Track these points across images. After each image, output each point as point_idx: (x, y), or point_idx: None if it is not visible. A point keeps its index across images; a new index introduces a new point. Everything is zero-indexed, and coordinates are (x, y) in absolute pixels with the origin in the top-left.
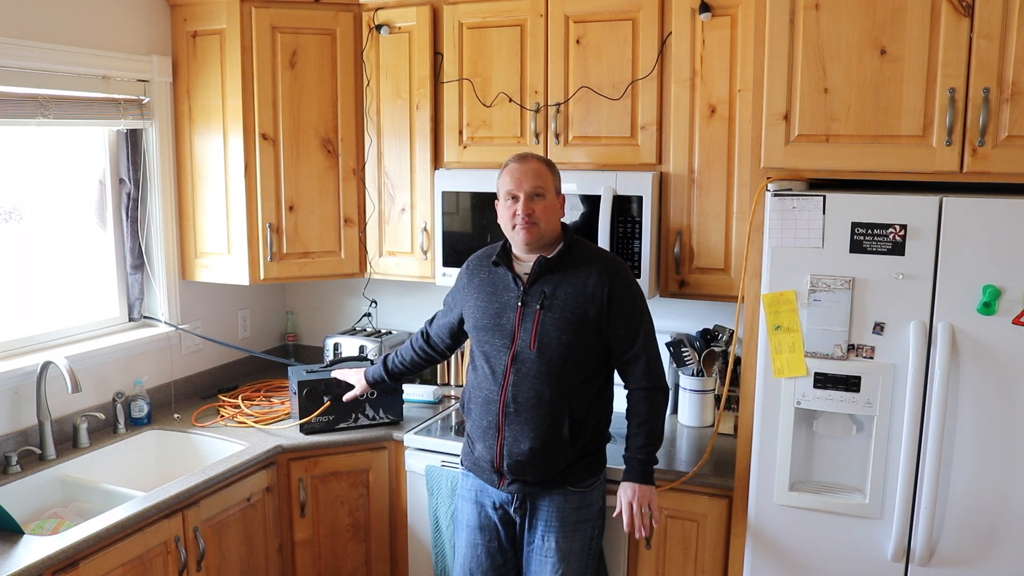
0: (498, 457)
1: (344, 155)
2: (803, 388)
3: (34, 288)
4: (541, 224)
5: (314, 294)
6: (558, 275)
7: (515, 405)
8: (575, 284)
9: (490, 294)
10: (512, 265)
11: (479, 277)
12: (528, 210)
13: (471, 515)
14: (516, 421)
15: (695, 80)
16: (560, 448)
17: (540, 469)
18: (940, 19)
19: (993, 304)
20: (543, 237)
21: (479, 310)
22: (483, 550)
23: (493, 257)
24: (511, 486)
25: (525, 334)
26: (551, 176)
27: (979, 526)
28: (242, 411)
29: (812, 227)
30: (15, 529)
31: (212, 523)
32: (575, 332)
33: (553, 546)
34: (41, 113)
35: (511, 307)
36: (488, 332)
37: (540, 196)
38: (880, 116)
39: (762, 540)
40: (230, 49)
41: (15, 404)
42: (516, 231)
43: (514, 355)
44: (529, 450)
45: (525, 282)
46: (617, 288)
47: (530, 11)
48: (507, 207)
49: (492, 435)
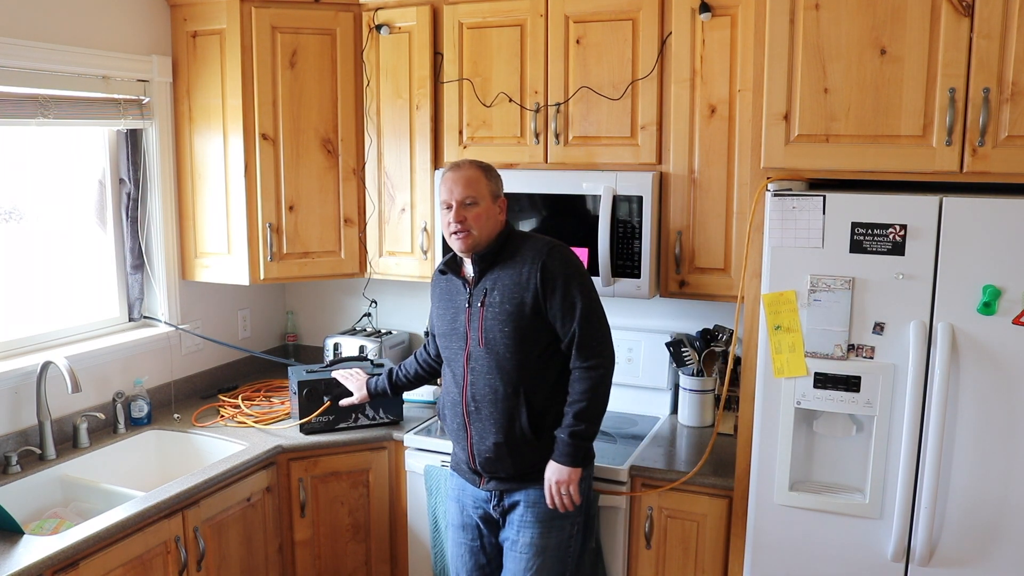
0: (471, 457)
1: (344, 155)
2: (803, 388)
3: (34, 288)
4: (475, 231)
5: (314, 294)
6: (497, 270)
7: (475, 403)
8: (511, 275)
9: (447, 301)
10: (460, 270)
11: (439, 287)
12: (459, 218)
13: (455, 514)
14: (478, 419)
15: (695, 80)
16: (523, 441)
17: (508, 464)
18: (940, 19)
19: (993, 304)
20: (479, 244)
21: (439, 318)
22: (466, 549)
23: (441, 266)
24: (489, 484)
25: (474, 332)
26: (486, 181)
27: (979, 526)
28: (242, 411)
29: (812, 227)
30: (15, 529)
31: (212, 523)
32: (515, 322)
33: (528, 541)
34: (41, 113)
35: (461, 310)
36: (447, 338)
37: (472, 204)
38: (880, 116)
39: (762, 540)
40: (230, 49)
41: (15, 404)
42: (452, 239)
43: (467, 355)
44: (493, 445)
45: (471, 283)
46: (548, 269)
47: (530, 11)
48: (443, 215)
49: (462, 436)
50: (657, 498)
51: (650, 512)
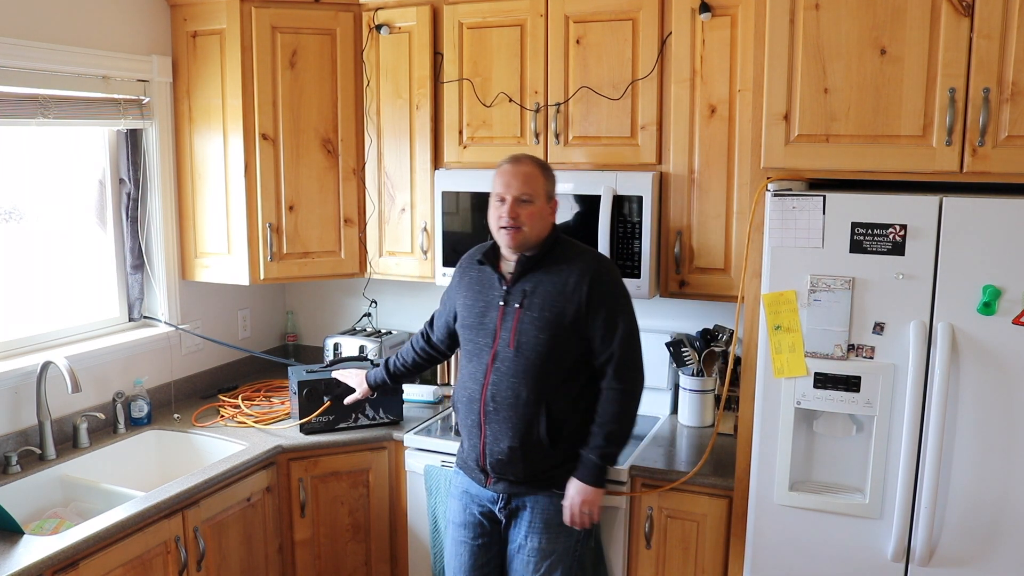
0: (482, 456)
1: (344, 155)
2: (803, 388)
3: (34, 288)
4: (526, 229)
5: (314, 294)
6: (540, 274)
7: (494, 404)
8: (555, 283)
9: (476, 293)
10: (498, 264)
11: (469, 275)
12: (513, 214)
13: (457, 512)
14: (495, 420)
15: (695, 80)
16: (539, 448)
17: (521, 468)
18: (940, 19)
19: (993, 304)
20: (527, 241)
21: (466, 308)
22: (466, 548)
23: (478, 256)
24: (497, 485)
25: (505, 333)
26: (543, 180)
27: (979, 526)
28: (242, 411)
29: (812, 227)
30: (15, 529)
31: (212, 523)
32: (552, 331)
33: (536, 546)
34: (41, 113)
35: (494, 306)
36: (472, 331)
37: (528, 201)
38: (880, 116)
39: (762, 540)
40: (230, 49)
41: (15, 404)
42: (500, 233)
43: (494, 354)
44: (508, 449)
45: (508, 281)
46: (596, 287)
47: (530, 11)
48: (495, 208)
49: (476, 433)
50: (657, 498)
51: (650, 512)
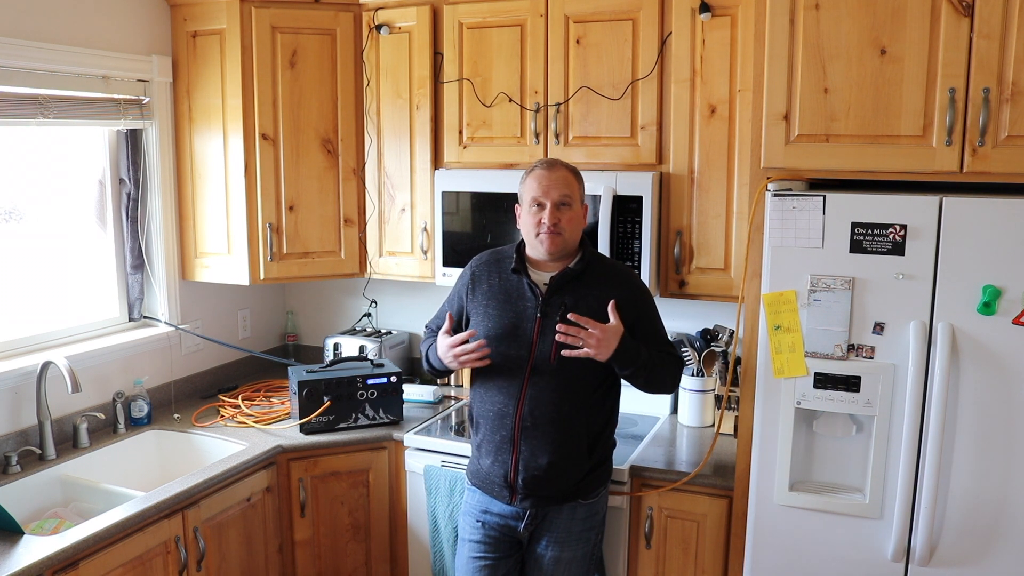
0: (512, 472)
1: (344, 155)
2: (803, 388)
3: (34, 288)
4: (565, 234)
5: (314, 294)
6: (577, 286)
7: (532, 419)
8: (597, 298)
9: (503, 302)
10: (529, 273)
11: (488, 283)
12: (554, 219)
13: (472, 530)
14: (533, 436)
15: (695, 80)
16: (578, 462)
17: (556, 484)
18: (940, 19)
19: (993, 304)
20: (566, 247)
21: (492, 319)
22: (482, 566)
23: (512, 264)
24: (524, 502)
25: (545, 346)
26: (578, 185)
27: (979, 526)
28: (242, 411)
29: (812, 227)
30: (15, 529)
31: (212, 523)
32: None
33: (557, 556)
34: (41, 113)
35: (529, 318)
36: (502, 343)
37: (567, 205)
38: (880, 116)
39: (762, 540)
40: (230, 49)
41: (15, 404)
42: (540, 239)
43: (532, 367)
44: (547, 465)
45: (543, 292)
46: (643, 308)
47: (530, 11)
48: (532, 214)
49: (506, 450)
50: (657, 498)
51: (650, 512)
